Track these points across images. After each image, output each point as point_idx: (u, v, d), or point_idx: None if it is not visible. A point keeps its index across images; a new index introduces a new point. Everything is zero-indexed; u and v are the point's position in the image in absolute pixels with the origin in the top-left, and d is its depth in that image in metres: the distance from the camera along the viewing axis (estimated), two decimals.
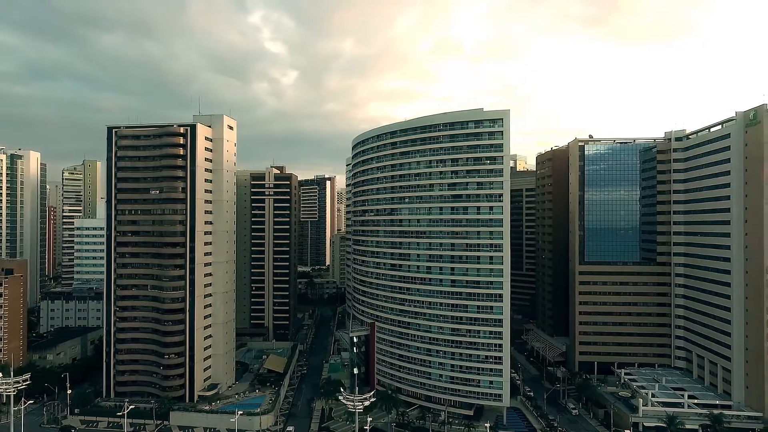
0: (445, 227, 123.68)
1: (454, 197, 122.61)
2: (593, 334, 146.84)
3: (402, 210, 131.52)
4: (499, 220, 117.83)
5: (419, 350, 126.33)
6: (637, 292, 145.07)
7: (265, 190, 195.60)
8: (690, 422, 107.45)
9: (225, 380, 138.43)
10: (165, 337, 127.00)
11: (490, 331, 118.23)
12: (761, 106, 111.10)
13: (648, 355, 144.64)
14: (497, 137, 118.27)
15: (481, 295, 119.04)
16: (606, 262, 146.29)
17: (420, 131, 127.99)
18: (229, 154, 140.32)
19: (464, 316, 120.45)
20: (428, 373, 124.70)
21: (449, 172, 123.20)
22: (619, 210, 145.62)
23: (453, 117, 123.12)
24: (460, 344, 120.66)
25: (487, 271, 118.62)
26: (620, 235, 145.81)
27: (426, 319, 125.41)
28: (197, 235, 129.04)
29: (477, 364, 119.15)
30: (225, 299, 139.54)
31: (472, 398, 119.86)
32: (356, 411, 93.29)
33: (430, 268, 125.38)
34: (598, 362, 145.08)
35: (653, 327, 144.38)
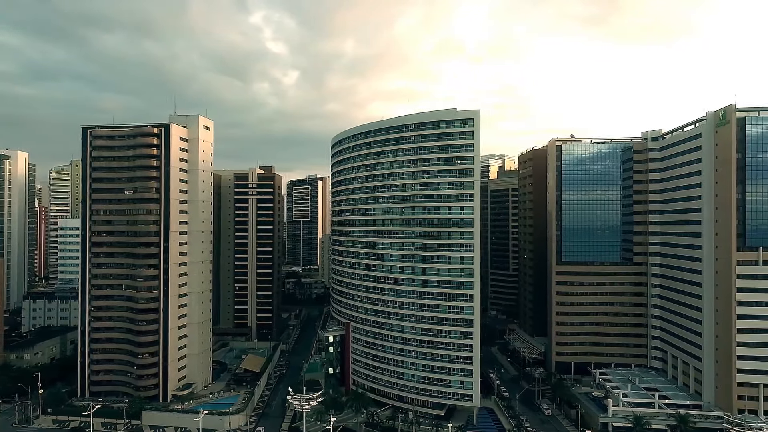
0: (417, 227, 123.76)
1: (426, 197, 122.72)
2: (570, 335, 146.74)
3: (376, 210, 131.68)
4: (469, 220, 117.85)
5: (392, 350, 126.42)
6: (614, 293, 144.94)
7: (248, 190, 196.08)
8: (657, 422, 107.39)
9: (201, 380, 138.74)
10: (139, 337, 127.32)
11: (460, 332, 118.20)
12: (730, 106, 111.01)
13: (625, 355, 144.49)
14: (467, 137, 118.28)
15: (451, 295, 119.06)
16: (582, 262, 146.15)
17: (393, 131, 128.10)
18: (206, 155, 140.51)
19: (435, 316, 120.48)
20: (400, 373, 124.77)
21: (421, 172, 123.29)
22: (596, 210, 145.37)
23: (425, 117, 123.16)
24: (431, 344, 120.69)
25: (458, 272, 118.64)
26: (597, 235, 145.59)
27: (398, 319, 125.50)
28: (171, 235, 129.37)
29: (448, 365, 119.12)
30: (201, 299, 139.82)
31: (443, 398, 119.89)
32: (303, 411, 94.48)
33: (402, 268, 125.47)
34: (575, 362, 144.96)
35: (630, 327, 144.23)
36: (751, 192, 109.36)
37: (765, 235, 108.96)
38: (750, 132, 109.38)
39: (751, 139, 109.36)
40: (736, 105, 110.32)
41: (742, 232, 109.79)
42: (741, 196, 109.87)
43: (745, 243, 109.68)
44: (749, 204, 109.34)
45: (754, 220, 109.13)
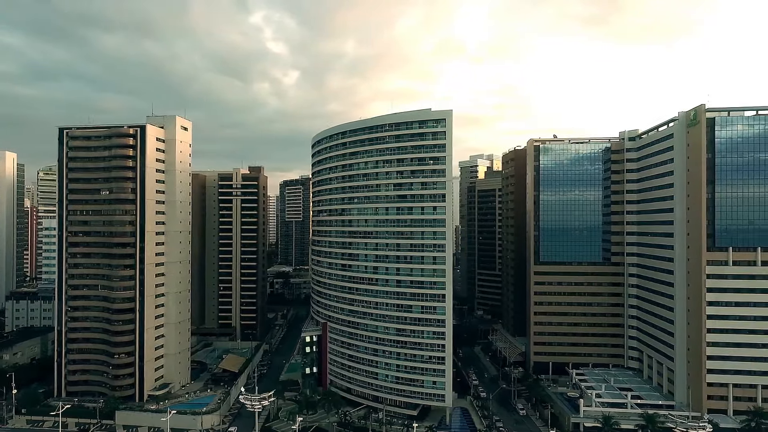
0: (391, 227, 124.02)
1: (400, 197, 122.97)
2: (548, 335, 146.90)
3: (351, 210, 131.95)
4: (441, 220, 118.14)
5: (366, 350, 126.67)
6: (592, 293, 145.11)
7: (232, 190, 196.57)
8: (627, 422, 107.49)
9: (178, 380, 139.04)
10: (115, 337, 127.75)
11: (433, 332, 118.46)
12: (700, 107, 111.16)
13: (602, 355, 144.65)
14: (440, 137, 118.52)
15: (424, 295, 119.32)
16: (560, 262, 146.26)
17: (368, 131, 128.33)
18: (183, 155, 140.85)
19: (408, 317, 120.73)
20: (375, 373, 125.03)
21: (395, 173, 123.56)
22: (574, 210, 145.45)
23: (399, 117, 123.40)
24: (405, 344, 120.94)
25: (431, 272, 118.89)
26: (575, 236, 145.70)
27: (373, 320, 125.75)
28: (147, 236, 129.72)
29: (421, 365, 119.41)
30: (178, 299, 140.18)
31: (416, 398, 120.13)
32: (255, 411, 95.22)
33: (376, 268, 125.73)
34: (553, 362, 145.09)
35: (608, 327, 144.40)
36: (720, 192, 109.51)
37: (734, 236, 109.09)
38: (719, 132, 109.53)
39: (721, 140, 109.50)
40: (707, 105, 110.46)
41: (712, 232, 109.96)
42: (711, 197, 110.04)
43: (715, 243, 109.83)
44: (719, 204, 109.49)
45: (724, 221, 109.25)
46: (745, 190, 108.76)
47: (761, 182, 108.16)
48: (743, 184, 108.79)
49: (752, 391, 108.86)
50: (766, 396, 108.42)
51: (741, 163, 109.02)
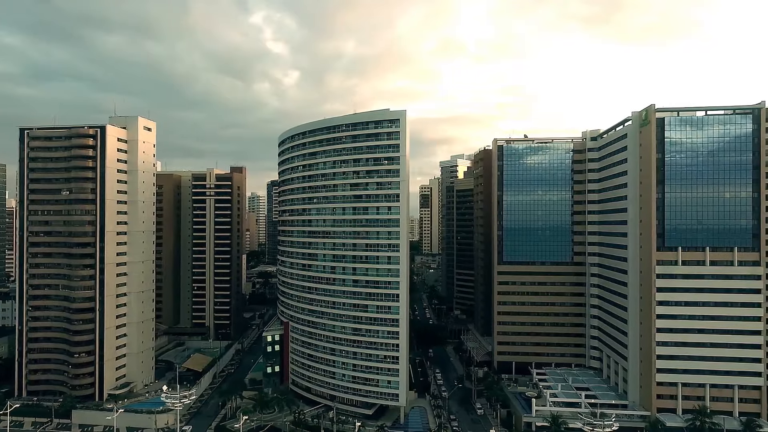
0: (348, 227, 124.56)
1: (356, 197, 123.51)
2: (512, 334, 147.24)
3: (311, 210, 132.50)
4: (396, 220, 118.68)
5: (324, 350, 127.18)
6: (555, 293, 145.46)
7: (206, 190, 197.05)
8: (574, 421, 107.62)
9: (141, 379, 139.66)
10: (74, 336, 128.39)
11: (387, 331, 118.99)
12: (650, 106, 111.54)
13: (565, 355, 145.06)
14: (394, 138, 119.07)
15: (379, 295, 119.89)
16: (523, 262, 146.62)
17: (326, 132, 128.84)
18: (146, 155, 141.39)
19: (364, 316, 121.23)
20: (332, 372, 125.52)
21: (351, 173, 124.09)
22: (537, 210, 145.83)
23: (355, 118, 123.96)
24: (360, 344, 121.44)
25: (385, 271, 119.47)
26: (538, 236, 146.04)
27: (330, 319, 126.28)
28: (108, 236, 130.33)
29: (376, 364, 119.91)
30: (141, 299, 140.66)
31: (371, 398, 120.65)
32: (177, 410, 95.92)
33: (334, 268, 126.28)
34: (517, 362, 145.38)
35: (570, 327, 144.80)
36: (670, 192, 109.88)
37: (684, 236, 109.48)
38: (669, 133, 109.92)
39: (670, 140, 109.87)
40: (656, 105, 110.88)
41: (662, 232, 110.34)
42: (661, 197, 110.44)
43: (665, 243, 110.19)
44: (668, 204, 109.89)
45: (673, 220, 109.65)
46: (694, 191, 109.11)
47: (709, 182, 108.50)
48: (692, 184, 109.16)
49: (701, 391, 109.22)
50: (714, 395, 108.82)
51: (690, 164, 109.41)
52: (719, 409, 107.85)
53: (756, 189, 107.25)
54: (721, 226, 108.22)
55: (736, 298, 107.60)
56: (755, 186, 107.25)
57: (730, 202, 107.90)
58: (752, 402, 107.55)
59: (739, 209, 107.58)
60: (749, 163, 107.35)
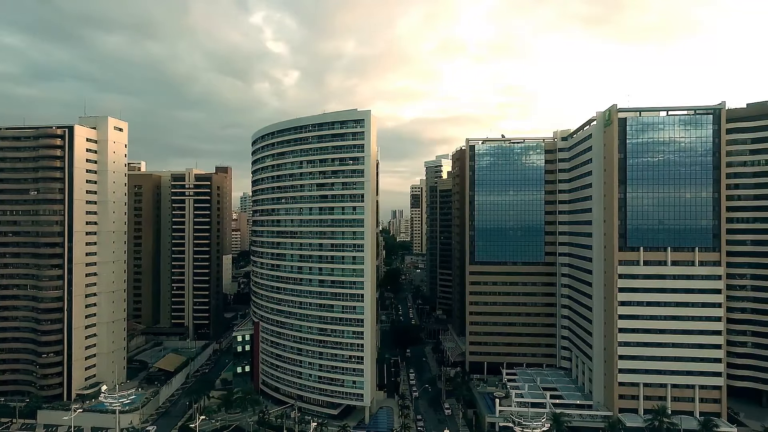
0: (314, 227, 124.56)
1: (322, 197, 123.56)
2: (484, 335, 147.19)
3: (279, 210, 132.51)
4: (360, 220, 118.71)
5: (292, 350, 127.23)
6: (527, 293, 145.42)
7: (185, 190, 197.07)
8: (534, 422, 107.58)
9: (112, 379, 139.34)
10: (42, 336, 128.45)
11: (353, 332, 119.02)
12: (613, 106, 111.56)
13: (537, 355, 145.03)
14: (359, 138, 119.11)
15: (344, 295, 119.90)
16: (495, 262, 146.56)
17: (294, 131, 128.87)
18: (117, 155, 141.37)
19: (329, 316, 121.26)
20: (299, 372, 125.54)
21: (318, 173, 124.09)
22: (508, 210, 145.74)
23: (321, 118, 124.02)
24: (326, 344, 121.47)
25: (350, 271, 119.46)
26: (509, 236, 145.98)
27: (297, 319, 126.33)
28: (76, 236, 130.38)
29: (341, 364, 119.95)
30: (112, 299, 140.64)
31: (336, 398, 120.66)
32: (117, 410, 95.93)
33: (301, 268, 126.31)
34: (489, 362, 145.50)
35: (542, 327, 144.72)
36: (632, 192, 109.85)
37: (645, 236, 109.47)
38: (631, 133, 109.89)
39: (632, 140, 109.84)
40: (618, 105, 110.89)
41: (624, 232, 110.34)
42: (623, 197, 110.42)
43: (627, 243, 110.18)
44: (630, 204, 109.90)
45: (635, 220, 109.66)
46: (655, 191, 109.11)
47: (671, 182, 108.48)
48: (654, 185, 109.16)
49: (662, 391, 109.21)
50: (675, 395, 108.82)
51: (652, 164, 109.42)
52: (680, 409, 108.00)
53: (717, 189, 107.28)
54: (682, 227, 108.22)
55: (697, 298, 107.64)
56: (716, 186, 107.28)
57: (691, 203, 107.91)
58: (712, 402, 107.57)
59: (700, 209, 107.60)
60: (710, 164, 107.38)
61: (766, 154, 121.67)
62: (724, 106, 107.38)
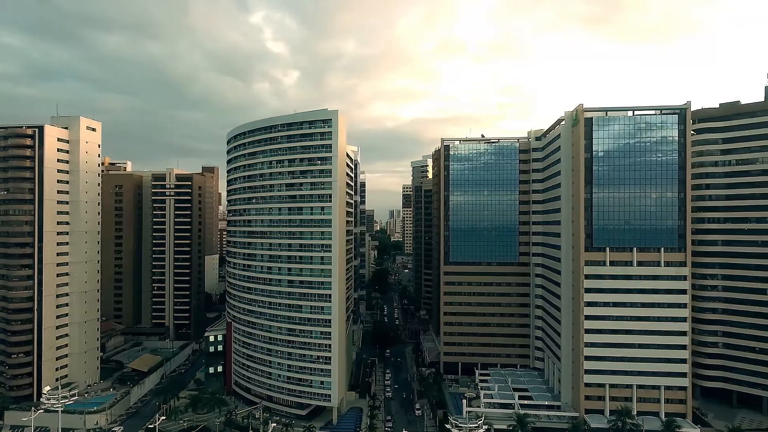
0: (283, 227, 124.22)
1: (290, 198, 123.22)
2: (458, 335, 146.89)
3: (250, 210, 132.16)
4: (328, 220, 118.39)
5: (262, 350, 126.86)
6: (501, 293, 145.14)
7: (165, 190, 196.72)
8: (499, 423, 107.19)
9: (84, 379, 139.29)
10: (12, 337, 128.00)
11: (320, 332, 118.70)
12: (579, 106, 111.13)
13: (511, 356, 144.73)
14: (327, 138, 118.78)
15: (312, 295, 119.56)
16: (469, 263, 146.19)
17: (264, 132, 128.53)
18: (90, 155, 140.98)
19: (298, 317, 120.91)
20: (269, 372, 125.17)
21: (286, 173, 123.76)
22: (483, 210, 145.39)
23: (290, 118, 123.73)
24: (295, 344, 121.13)
25: (318, 272, 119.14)
26: (484, 236, 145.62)
27: (267, 319, 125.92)
28: (47, 236, 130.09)
29: (309, 365, 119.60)
30: (84, 299, 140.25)
31: (304, 398, 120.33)
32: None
33: (270, 268, 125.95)
34: (463, 363, 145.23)
35: (516, 328, 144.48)
36: (598, 192, 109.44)
37: (611, 236, 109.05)
38: (597, 133, 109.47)
39: (598, 140, 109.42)
40: (584, 105, 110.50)
41: (590, 232, 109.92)
42: (589, 197, 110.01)
43: (593, 243, 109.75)
44: (596, 204, 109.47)
45: (601, 221, 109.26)
46: (621, 191, 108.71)
47: (636, 182, 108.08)
48: (620, 185, 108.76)
49: (628, 391, 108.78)
50: (641, 396, 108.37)
51: (617, 164, 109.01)
52: (646, 409, 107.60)
53: (682, 189, 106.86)
54: (648, 227, 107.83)
55: (663, 298, 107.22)
56: (681, 186, 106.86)
57: (657, 203, 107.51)
58: (678, 403, 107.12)
59: (665, 209, 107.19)
60: (675, 163, 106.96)
61: (737, 154, 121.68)
62: (689, 106, 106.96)
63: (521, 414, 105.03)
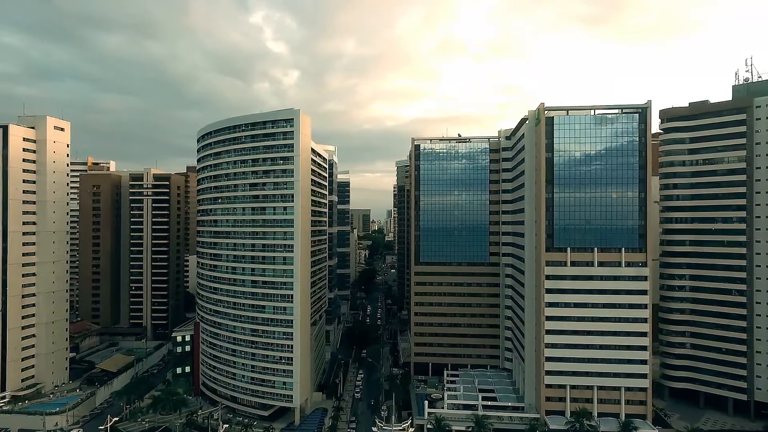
0: (247, 227, 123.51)
1: (254, 198, 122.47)
2: (429, 335, 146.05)
3: (216, 210, 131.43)
4: (290, 220, 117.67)
5: (227, 350, 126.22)
6: (472, 293, 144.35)
7: (143, 190, 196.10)
8: (458, 424, 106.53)
9: (51, 380, 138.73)
10: None
11: (283, 332, 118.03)
12: (541, 105, 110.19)
13: (482, 356, 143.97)
14: (289, 138, 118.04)
15: (275, 295, 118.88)
16: (439, 263, 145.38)
17: (229, 131, 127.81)
18: (58, 155, 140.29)
19: (261, 317, 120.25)
20: (234, 373, 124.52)
21: (250, 173, 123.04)
22: (453, 210, 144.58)
23: (253, 118, 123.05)
24: (258, 345, 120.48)
25: (281, 272, 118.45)
26: (454, 236, 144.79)
27: (231, 320, 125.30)
28: (12, 236, 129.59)
29: (272, 365, 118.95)
30: (52, 299, 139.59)
31: (268, 399, 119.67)
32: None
33: (235, 268, 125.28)
34: (433, 363, 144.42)
35: (487, 328, 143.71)
36: (559, 192, 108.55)
37: (572, 236, 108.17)
38: (558, 132, 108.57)
39: (559, 139, 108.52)
40: (545, 104, 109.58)
41: (551, 232, 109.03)
42: (550, 196, 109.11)
43: (554, 243, 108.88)
44: (557, 204, 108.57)
45: (562, 221, 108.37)
46: (582, 191, 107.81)
47: (597, 182, 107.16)
48: (581, 184, 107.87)
49: (589, 393, 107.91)
50: (602, 397, 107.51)
51: (578, 163, 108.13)
52: (607, 411, 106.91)
53: (643, 189, 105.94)
54: (609, 227, 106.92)
55: (624, 299, 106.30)
56: (642, 186, 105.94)
57: (617, 202, 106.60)
58: (638, 404, 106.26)
59: (626, 209, 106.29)
60: (636, 163, 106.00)
61: (703, 154, 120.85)
62: (649, 105, 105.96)
63: (480, 415, 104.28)
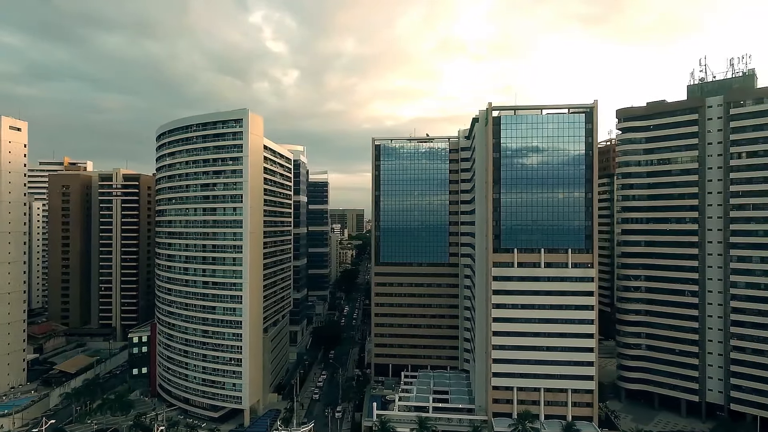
0: (199, 228, 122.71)
1: (205, 198, 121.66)
2: (389, 336, 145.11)
3: (170, 210, 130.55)
4: (240, 221, 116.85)
5: (180, 351, 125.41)
6: (432, 294, 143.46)
7: (112, 190, 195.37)
8: (402, 426, 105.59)
9: (7, 381, 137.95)
10: None
11: (232, 333, 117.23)
12: (489, 105, 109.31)
13: (441, 357, 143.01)
14: (238, 138, 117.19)
15: (224, 296, 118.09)
16: (399, 263, 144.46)
17: (182, 131, 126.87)
18: (14, 155, 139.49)
19: (211, 318, 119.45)
20: (186, 374, 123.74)
21: (201, 173, 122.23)
22: (413, 210, 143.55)
23: (204, 118, 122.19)
24: (208, 346, 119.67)
25: (230, 273, 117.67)
26: (414, 236, 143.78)
27: (184, 320, 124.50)
28: None
29: (222, 366, 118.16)
30: (8, 300, 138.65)
31: (218, 400, 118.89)
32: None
33: (187, 269, 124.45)
34: (394, 364, 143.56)
35: (446, 329, 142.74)
36: (505, 192, 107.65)
37: (519, 237, 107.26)
38: (504, 132, 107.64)
39: (506, 139, 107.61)
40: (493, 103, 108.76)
41: (499, 233, 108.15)
42: (498, 197, 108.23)
43: (501, 244, 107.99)
44: (504, 204, 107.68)
45: (509, 221, 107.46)
46: (529, 191, 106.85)
47: (544, 182, 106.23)
48: (527, 184, 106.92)
49: (536, 395, 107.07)
50: (549, 399, 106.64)
51: (525, 163, 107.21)
52: (554, 413, 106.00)
53: (589, 189, 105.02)
54: (555, 227, 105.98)
55: (571, 300, 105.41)
56: (588, 186, 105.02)
57: (564, 203, 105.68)
58: (585, 406, 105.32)
59: (572, 210, 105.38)
60: (582, 163, 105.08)
61: (658, 154, 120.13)
62: (596, 105, 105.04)
63: (423, 417, 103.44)
